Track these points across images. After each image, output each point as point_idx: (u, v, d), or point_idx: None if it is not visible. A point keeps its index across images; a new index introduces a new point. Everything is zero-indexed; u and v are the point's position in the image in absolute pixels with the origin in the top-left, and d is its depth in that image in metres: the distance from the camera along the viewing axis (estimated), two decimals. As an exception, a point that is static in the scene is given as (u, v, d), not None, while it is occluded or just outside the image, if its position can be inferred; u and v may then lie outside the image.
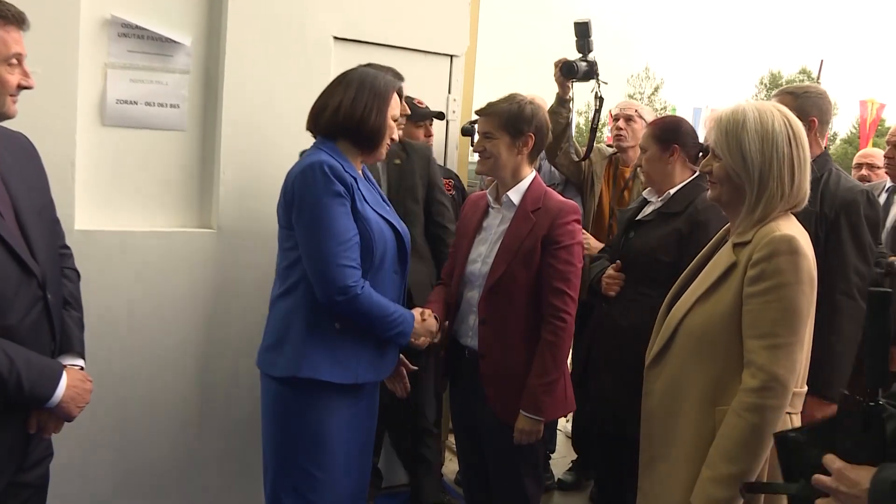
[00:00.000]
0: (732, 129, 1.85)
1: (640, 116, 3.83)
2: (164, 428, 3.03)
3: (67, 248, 2.15)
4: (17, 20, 1.85)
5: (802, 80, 44.78)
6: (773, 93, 2.98)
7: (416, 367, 2.57)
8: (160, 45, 3.02)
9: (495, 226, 2.51)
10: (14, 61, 1.83)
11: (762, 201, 1.82)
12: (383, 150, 2.35)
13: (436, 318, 2.46)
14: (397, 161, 3.19)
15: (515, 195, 2.46)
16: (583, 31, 3.54)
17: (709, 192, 2.00)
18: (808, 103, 2.77)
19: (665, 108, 41.38)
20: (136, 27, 2.97)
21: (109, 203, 2.93)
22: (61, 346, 1.97)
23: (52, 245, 2.00)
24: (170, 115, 3.07)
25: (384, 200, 2.42)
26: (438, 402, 3.54)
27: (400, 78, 2.42)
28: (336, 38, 3.30)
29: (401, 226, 2.37)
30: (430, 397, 3.39)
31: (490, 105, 2.47)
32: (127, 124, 2.99)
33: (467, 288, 2.51)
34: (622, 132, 3.78)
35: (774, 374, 1.71)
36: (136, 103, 3.01)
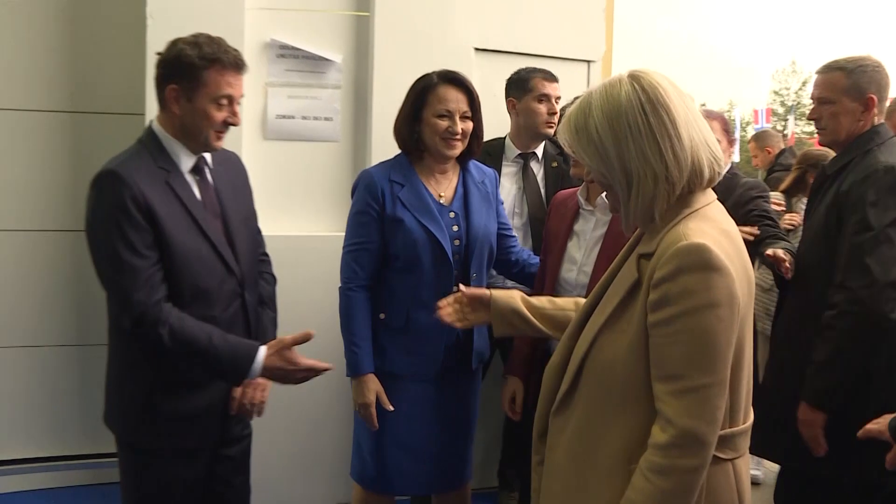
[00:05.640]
0: (581, 120, 1.42)
1: None
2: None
3: (266, 255, 2.35)
4: (235, 65, 1.95)
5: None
6: (818, 69, 2.48)
7: None
8: (314, 63, 3.26)
9: (590, 230, 2.38)
10: (224, 101, 1.94)
11: (635, 194, 1.40)
12: (442, 151, 2.37)
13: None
14: (554, 164, 3.17)
15: None
16: None
17: None
18: (864, 79, 2.38)
19: (813, 104, 39.16)
20: (293, 48, 3.23)
21: (272, 209, 3.13)
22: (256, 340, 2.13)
23: (254, 250, 2.20)
24: (324, 127, 3.31)
25: (438, 210, 2.41)
26: None
27: (445, 78, 2.38)
28: (476, 49, 3.45)
29: (440, 233, 2.36)
30: None
31: None
32: (286, 137, 3.25)
33: (562, 296, 2.41)
34: None
35: (685, 429, 1.32)
36: (293, 118, 3.27)
